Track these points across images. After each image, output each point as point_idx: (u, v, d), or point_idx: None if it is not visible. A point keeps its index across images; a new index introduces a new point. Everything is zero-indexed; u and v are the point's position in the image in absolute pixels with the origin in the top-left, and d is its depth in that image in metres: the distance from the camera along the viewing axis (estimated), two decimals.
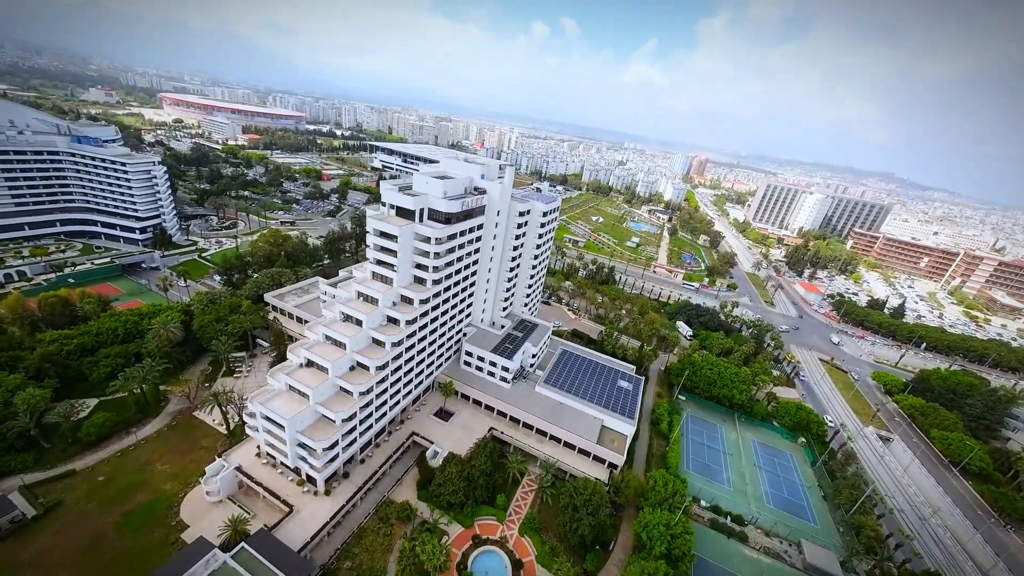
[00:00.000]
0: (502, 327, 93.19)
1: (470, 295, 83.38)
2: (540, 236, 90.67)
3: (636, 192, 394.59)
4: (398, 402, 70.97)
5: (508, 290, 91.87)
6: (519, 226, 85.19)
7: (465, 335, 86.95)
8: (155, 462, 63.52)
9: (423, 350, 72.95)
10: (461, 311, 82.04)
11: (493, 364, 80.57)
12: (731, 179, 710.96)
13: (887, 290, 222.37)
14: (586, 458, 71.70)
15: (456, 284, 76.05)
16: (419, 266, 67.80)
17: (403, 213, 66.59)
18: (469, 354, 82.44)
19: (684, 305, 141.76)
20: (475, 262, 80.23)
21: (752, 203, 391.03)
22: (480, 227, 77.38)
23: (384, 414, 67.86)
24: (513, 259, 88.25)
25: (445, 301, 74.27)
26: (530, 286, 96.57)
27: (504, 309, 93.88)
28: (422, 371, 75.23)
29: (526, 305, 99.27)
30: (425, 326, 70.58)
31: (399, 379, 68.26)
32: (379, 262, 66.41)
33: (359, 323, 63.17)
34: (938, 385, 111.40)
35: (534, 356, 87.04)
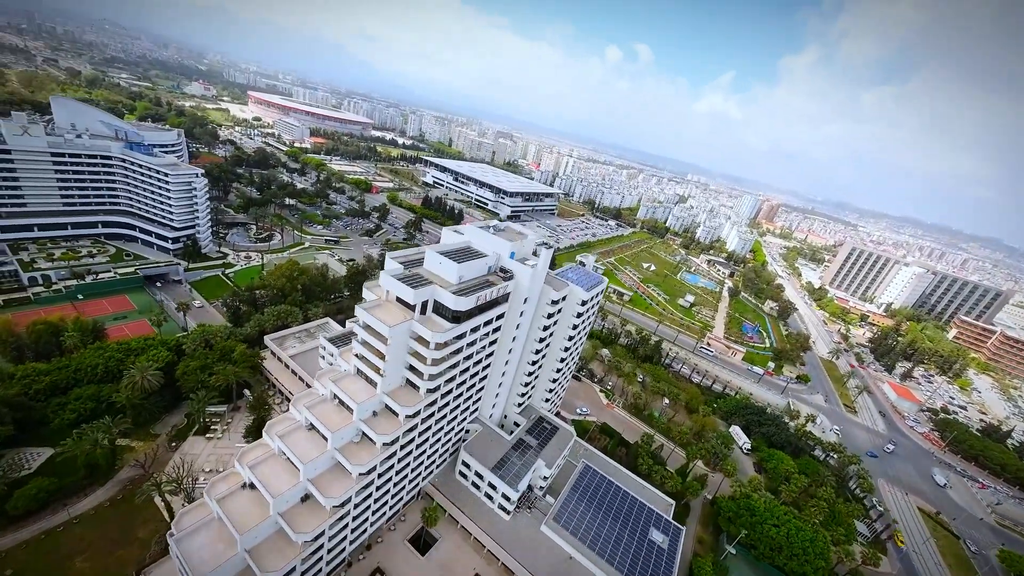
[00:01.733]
0: (514, 427, 77.37)
1: (478, 391, 68.46)
2: (575, 327, 74.13)
3: (696, 236, 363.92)
4: (365, 530, 56.97)
5: (527, 384, 75.99)
6: (549, 315, 69.34)
7: (467, 434, 71.99)
8: (77, 555, 53.84)
9: (407, 465, 58.76)
10: (464, 410, 67.24)
11: (493, 486, 64.61)
12: (805, 228, 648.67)
13: (1006, 406, 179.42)
14: None
15: (460, 385, 61.52)
16: (412, 369, 54.05)
17: (403, 302, 53.41)
18: (466, 465, 67.14)
19: (743, 404, 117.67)
20: (489, 355, 65.38)
21: (831, 265, 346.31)
22: (500, 317, 62.53)
23: (342, 550, 53.98)
24: (537, 351, 72.42)
25: (443, 407, 59.85)
26: (555, 380, 79.94)
27: (519, 405, 77.95)
28: (403, 487, 60.93)
29: (548, 400, 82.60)
30: (411, 440, 56.42)
31: (367, 507, 54.30)
32: (362, 358, 53.42)
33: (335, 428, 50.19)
34: None
35: (546, 478, 69.98)
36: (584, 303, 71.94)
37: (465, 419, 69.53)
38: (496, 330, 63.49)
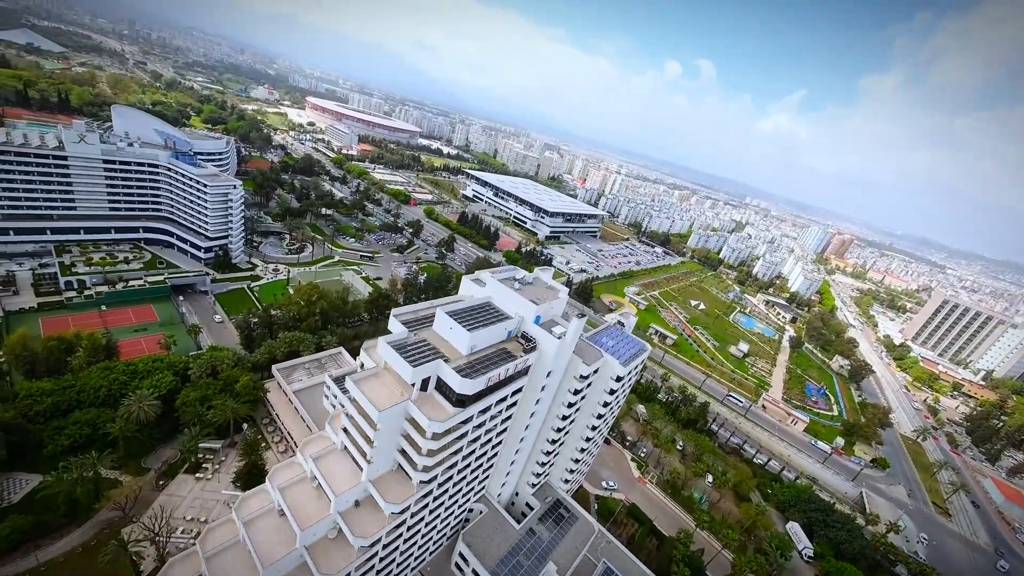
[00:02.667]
0: (526, 510, 67.97)
1: (485, 472, 60.04)
2: (605, 404, 64.02)
3: (753, 272, 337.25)
4: None
5: (544, 463, 66.51)
6: (576, 391, 59.91)
7: (469, 513, 63.54)
8: None
9: (391, 561, 51.15)
10: (466, 494, 58.97)
11: None
12: (881, 268, 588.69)
13: None
14: None
15: (464, 469, 53.48)
16: (405, 454, 46.71)
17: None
18: (463, 558, 58.54)
19: (805, 495, 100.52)
20: (501, 433, 56.98)
21: (915, 317, 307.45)
22: (517, 392, 54.11)
23: None
24: (559, 429, 62.99)
25: (440, 495, 51.96)
26: (577, 460, 69.78)
27: (534, 485, 68.51)
28: None
29: (567, 481, 72.46)
30: (399, 536, 48.85)
31: None
32: (350, 434, 46.79)
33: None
34: None
35: None
36: (619, 379, 61.79)
37: (468, 501, 61.23)
38: (511, 406, 55.08)
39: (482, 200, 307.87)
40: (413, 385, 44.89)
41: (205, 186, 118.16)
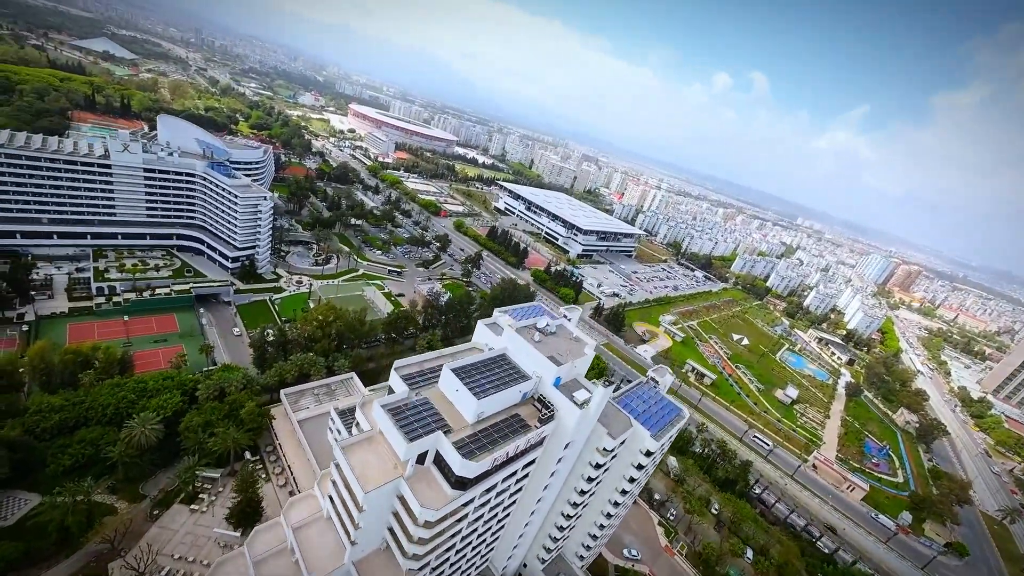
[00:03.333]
0: None
1: (488, 548, 53.78)
2: (632, 479, 56.33)
3: (804, 303, 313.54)
4: None
5: (556, 539, 59.40)
6: (598, 465, 52.79)
7: None
8: None
9: None
10: (467, 568, 52.87)
11: None
12: (954, 304, 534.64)
13: None
14: None
15: (463, 548, 47.57)
16: (394, 535, 41.41)
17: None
18: None
19: None
20: (507, 508, 50.73)
21: (997, 366, 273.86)
22: (529, 464, 47.86)
23: None
24: (576, 504, 55.88)
25: (436, 568, 46.26)
26: (595, 536, 62.08)
27: (544, 560, 61.42)
28: None
29: (582, 558, 64.76)
30: None
31: None
32: (334, 503, 42.09)
33: None
34: None
35: None
36: (649, 453, 54.07)
37: (469, 570, 55.12)
38: (522, 479, 48.87)
39: (514, 213, 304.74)
40: (408, 460, 39.72)
41: (236, 197, 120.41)
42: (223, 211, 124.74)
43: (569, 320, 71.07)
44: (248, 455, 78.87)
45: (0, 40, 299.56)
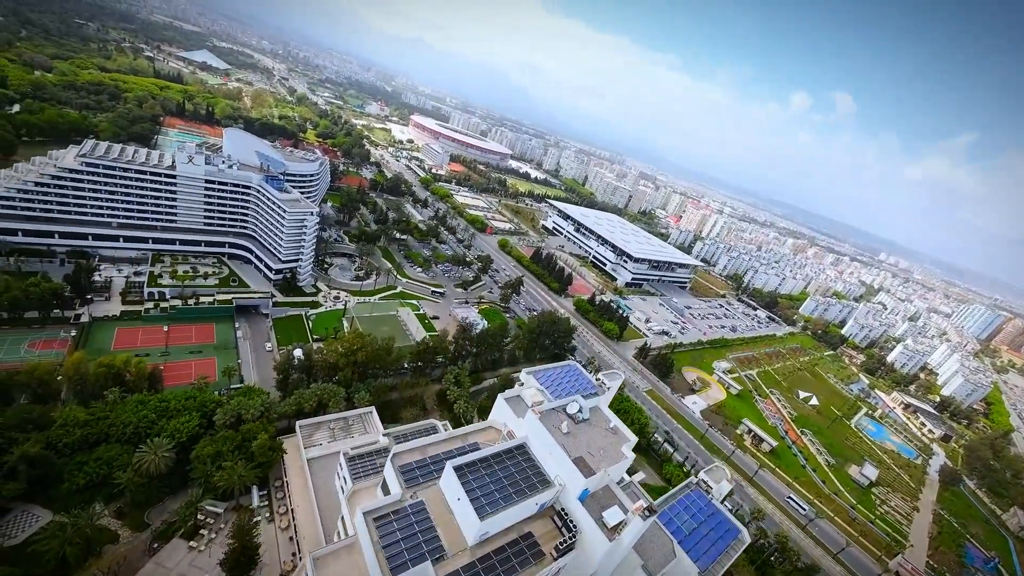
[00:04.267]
0: None
1: None
2: None
3: (887, 359, 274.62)
4: None
5: None
6: None
7: None
8: None
9: None
10: None
11: None
12: None
13: None
14: None
15: None
16: None
17: None
18: None
19: None
20: None
21: None
22: None
23: None
24: None
25: None
26: None
27: None
28: None
29: None
30: None
31: None
32: None
33: None
34: None
35: None
36: None
37: None
38: None
39: (562, 234, 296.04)
40: None
41: (284, 211, 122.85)
42: (271, 224, 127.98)
43: (609, 388, 61.69)
44: (256, 489, 76.30)
45: (121, 52, 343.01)
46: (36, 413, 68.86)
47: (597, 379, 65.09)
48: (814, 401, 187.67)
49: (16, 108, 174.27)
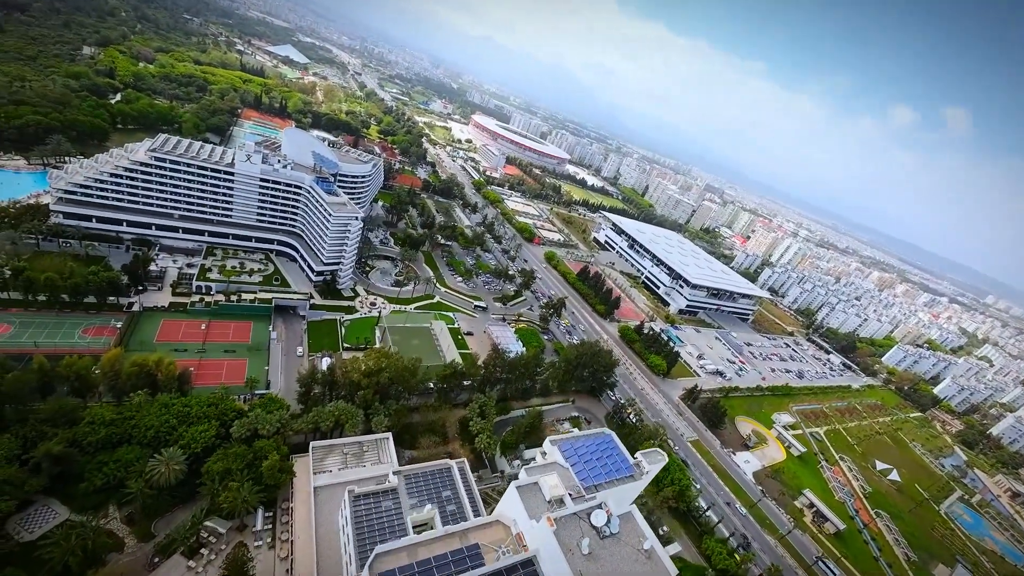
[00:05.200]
0: None
1: None
2: None
3: (991, 432, 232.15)
4: None
5: None
6: None
7: None
8: None
9: None
10: None
11: None
12: None
13: None
14: None
15: None
16: None
17: None
18: None
19: None
20: None
21: None
22: None
23: None
24: None
25: None
26: None
27: None
28: None
29: None
30: None
31: None
32: None
33: None
34: None
35: None
36: None
37: None
38: None
39: (614, 249, 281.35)
40: None
41: (330, 215, 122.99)
42: (317, 225, 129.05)
43: (647, 473, 52.50)
44: (262, 510, 74.47)
45: (216, 46, 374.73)
46: (69, 407, 71.15)
47: (635, 460, 55.48)
48: (894, 475, 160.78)
49: (117, 97, 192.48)
